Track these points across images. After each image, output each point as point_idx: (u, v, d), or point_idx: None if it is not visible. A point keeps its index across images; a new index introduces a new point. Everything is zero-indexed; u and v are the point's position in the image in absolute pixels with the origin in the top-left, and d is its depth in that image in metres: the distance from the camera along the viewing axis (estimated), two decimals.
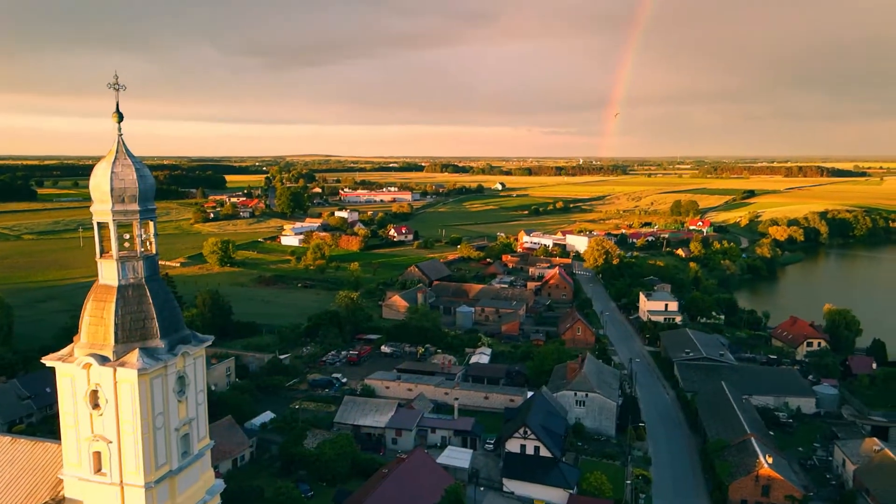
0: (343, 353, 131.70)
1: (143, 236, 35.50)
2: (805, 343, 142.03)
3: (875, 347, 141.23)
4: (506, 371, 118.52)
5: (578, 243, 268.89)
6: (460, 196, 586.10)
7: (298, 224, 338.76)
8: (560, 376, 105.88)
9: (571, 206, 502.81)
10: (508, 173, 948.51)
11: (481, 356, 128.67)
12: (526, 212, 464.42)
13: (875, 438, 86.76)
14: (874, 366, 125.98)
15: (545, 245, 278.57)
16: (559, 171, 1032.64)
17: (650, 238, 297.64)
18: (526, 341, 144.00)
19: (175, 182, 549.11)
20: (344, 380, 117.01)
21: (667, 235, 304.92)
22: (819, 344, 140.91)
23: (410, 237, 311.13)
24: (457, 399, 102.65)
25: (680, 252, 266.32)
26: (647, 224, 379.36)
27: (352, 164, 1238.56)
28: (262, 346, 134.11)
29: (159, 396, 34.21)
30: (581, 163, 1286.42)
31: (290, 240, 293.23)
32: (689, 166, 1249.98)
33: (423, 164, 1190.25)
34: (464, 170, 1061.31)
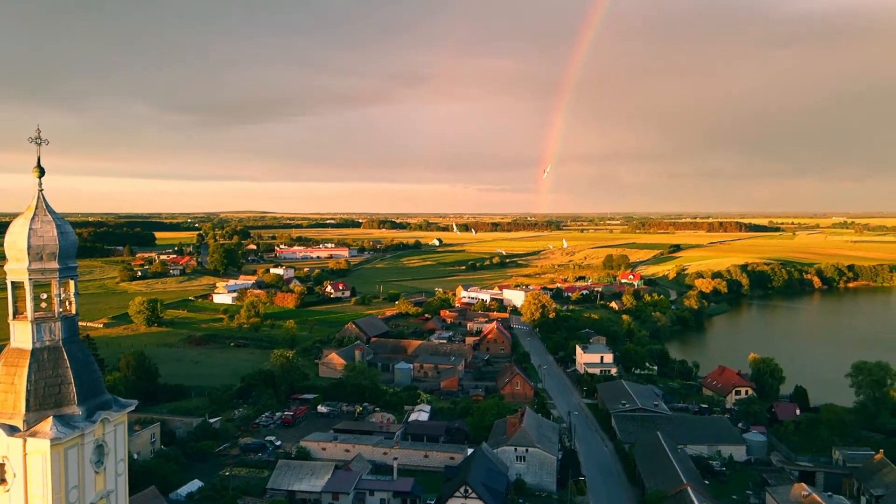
0: (277, 414, 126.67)
1: (63, 296, 33.68)
2: (734, 391, 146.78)
3: (798, 394, 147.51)
4: (445, 428, 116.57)
5: (515, 297, 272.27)
6: (398, 252, 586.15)
7: (232, 282, 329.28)
8: (500, 432, 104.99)
9: (507, 261, 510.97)
10: (446, 229, 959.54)
11: (420, 413, 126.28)
12: (463, 267, 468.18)
13: (803, 483, 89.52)
14: (798, 412, 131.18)
15: (483, 300, 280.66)
16: (495, 226, 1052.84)
17: (585, 292, 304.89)
18: (465, 397, 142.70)
19: (101, 239, 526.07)
20: (278, 443, 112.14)
21: (600, 289, 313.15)
22: (747, 392, 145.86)
23: (348, 293, 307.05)
24: (396, 458, 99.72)
25: (613, 305, 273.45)
26: (582, 278, 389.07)
27: (288, 221, 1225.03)
28: (191, 409, 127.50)
29: (74, 468, 31.79)
30: (517, 219, 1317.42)
31: (223, 298, 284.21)
32: (618, 222, 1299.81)
33: (360, 221, 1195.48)
34: (401, 226, 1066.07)
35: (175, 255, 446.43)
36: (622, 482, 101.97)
